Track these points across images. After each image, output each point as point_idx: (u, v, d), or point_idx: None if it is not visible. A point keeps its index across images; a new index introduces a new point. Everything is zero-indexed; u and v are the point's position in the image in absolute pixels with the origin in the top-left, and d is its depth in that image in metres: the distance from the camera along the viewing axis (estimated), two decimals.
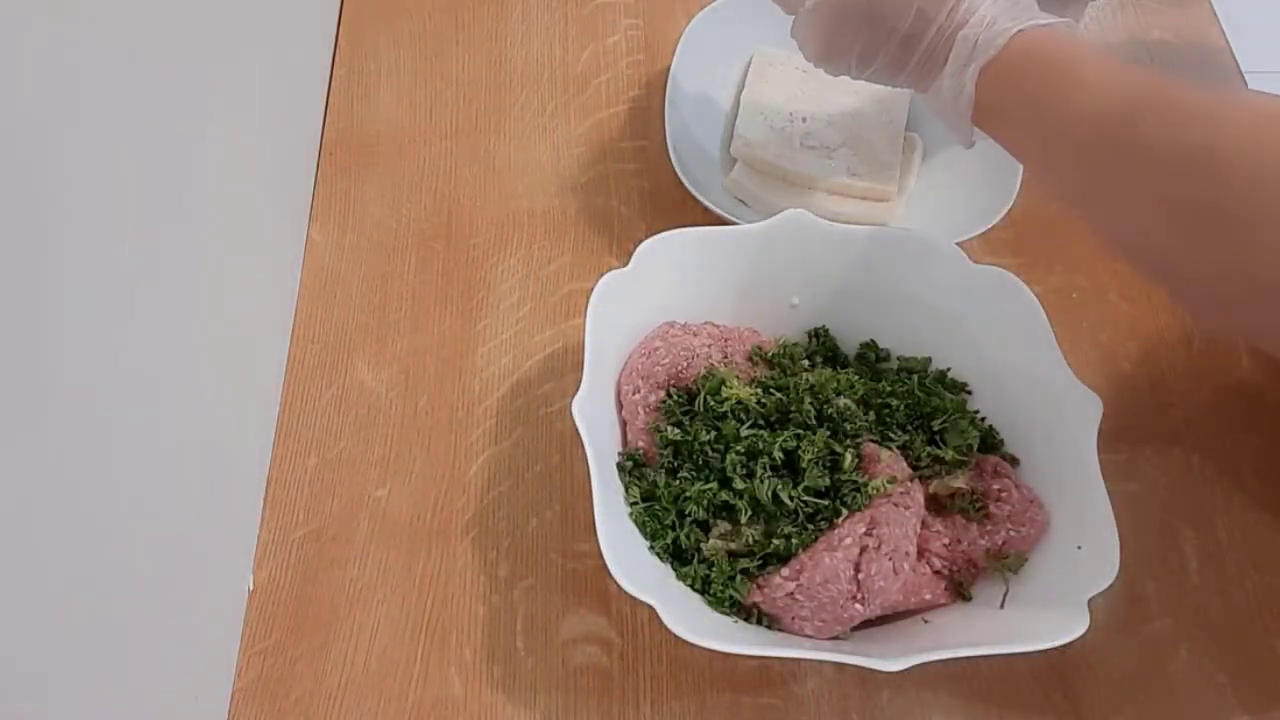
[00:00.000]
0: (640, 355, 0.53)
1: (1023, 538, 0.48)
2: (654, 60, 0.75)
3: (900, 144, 0.67)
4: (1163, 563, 0.56)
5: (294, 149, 0.69)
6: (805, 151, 0.66)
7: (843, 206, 0.65)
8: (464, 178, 0.70)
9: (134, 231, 0.46)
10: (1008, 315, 0.53)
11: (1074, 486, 0.48)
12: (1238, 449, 0.59)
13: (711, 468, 0.50)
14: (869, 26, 0.48)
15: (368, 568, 0.56)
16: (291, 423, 0.60)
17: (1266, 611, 0.54)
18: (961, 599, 0.49)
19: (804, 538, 0.47)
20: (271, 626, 0.54)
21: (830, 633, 0.47)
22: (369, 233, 0.67)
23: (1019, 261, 0.65)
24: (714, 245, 0.55)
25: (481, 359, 0.62)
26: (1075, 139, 0.43)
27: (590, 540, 0.45)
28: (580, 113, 0.73)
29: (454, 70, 0.75)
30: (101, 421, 0.42)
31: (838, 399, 0.51)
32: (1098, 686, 0.52)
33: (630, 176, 0.70)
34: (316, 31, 0.75)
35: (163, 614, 0.47)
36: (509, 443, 0.60)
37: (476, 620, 0.54)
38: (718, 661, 0.53)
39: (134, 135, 0.46)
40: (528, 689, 0.52)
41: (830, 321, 0.57)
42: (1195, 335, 0.63)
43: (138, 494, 0.45)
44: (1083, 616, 0.43)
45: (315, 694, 0.52)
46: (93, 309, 0.42)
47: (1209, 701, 0.52)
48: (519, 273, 0.66)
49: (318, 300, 0.65)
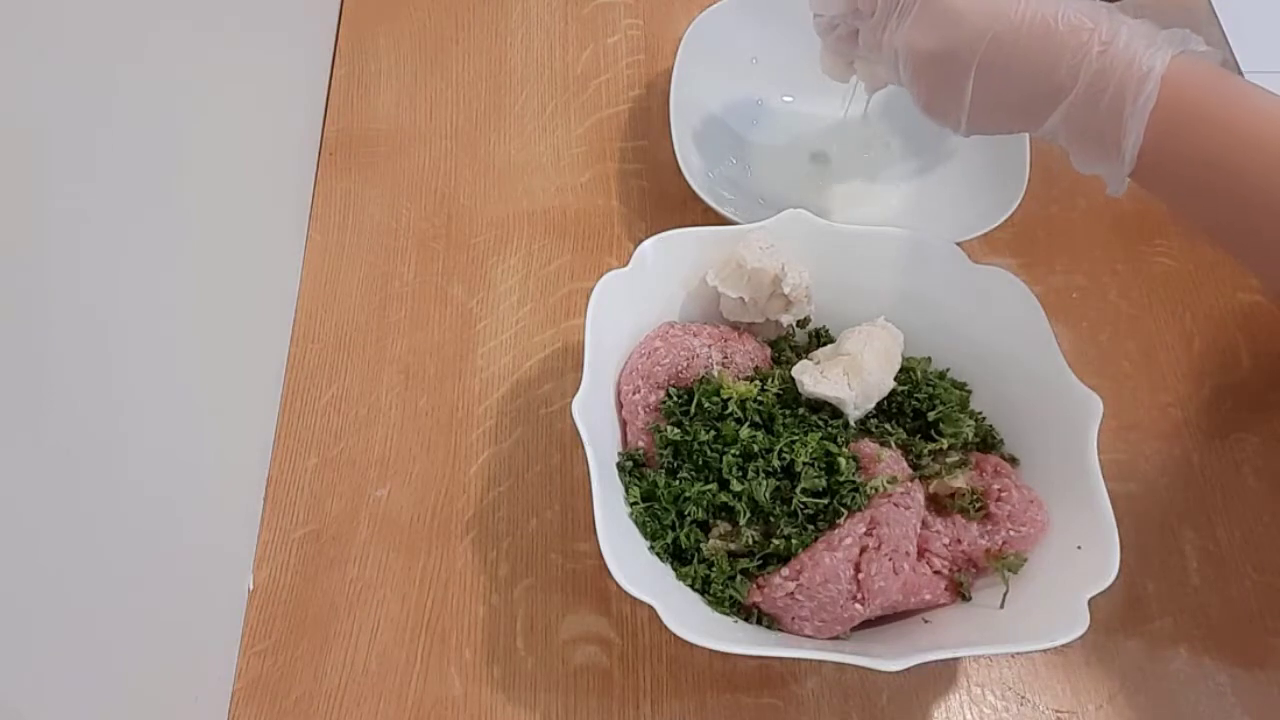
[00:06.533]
0: (640, 355, 0.53)
1: (1023, 538, 0.48)
2: (654, 60, 0.75)
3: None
4: (1163, 563, 0.56)
5: (294, 149, 0.69)
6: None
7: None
8: (464, 178, 0.70)
9: (133, 231, 0.46)
10: (1008, 315, 0.53)
11: (1074, 486, 0.48)
12: (1238, 449, 0.59)
13: (711, 468, 0.50)
14: (994, 77, 0.45)
15: (368, 568, 0.56)
16: (291, 423, 0.60)
17: (1266, 611, 0.54)
18: (961, 599, 0.49)
19: (804, 538, 0.47)
20: (271, 626, 0.54)
21: (830, 633, 0.47)
22: (369, 233, 0.67)
23: (1019, 261, 0.65)
24: (714, 245, 0.55)
25: (481, 359, 0.62)
26: (1264, 208, 0.41)
27: (590, 540, 0.45)
28: (580, 113, 0.73)
29: (454, 70, 0.75)
30: (101, 422, 0.42)
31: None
32: (1098, 687, 0.52)
33: (630, 176, 0.70)
34: (316, 31, 0.75)
35: (163, 614, 0.47)
36: (509, 443, 0.60)
37: (476, 620, 0.54)
38: (718, 661, 0.53)
39: (133, 135, 0.46)
40: (528, 689, 0.52)
41: (830, 321, 0.57)
42: (1195, 335, 0.63)
43: (138, 494, 0.45)
44: (1083, 616, 0.43)
45: (315, 694, 0.52)
46: (92, 309, 0.42)
47: (1209, 701, 0.52)
48: (519, 273, 0.66)
49: (318, 300, 0.65)
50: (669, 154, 0.63)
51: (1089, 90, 0.42)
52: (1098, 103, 0.42)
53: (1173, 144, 0.42)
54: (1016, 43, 0.43)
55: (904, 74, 0.48)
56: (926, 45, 0.46)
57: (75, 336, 0.40)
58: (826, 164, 0.70)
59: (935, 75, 0.47)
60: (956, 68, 0.45)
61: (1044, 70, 0.43)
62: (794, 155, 0.70)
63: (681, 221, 0.56)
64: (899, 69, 0.48)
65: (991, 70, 0.45)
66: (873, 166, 0.69)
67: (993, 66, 0.44)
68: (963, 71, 0.45)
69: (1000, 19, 0.44)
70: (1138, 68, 0.41)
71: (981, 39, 0.44)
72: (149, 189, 0.47)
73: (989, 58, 0.44)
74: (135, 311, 0.46)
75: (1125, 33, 0.42)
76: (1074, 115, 0.44)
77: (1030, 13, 0.43)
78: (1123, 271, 0.65)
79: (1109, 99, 0.42)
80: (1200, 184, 0.43)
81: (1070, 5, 0.43)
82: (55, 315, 0.39)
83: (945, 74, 0.46)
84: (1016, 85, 0.45)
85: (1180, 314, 0.64)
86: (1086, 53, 0.42)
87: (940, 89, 0.47)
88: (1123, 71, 0.42)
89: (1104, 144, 0.43)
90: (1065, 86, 0.43)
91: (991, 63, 0.44)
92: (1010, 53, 0.44)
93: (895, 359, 0.52)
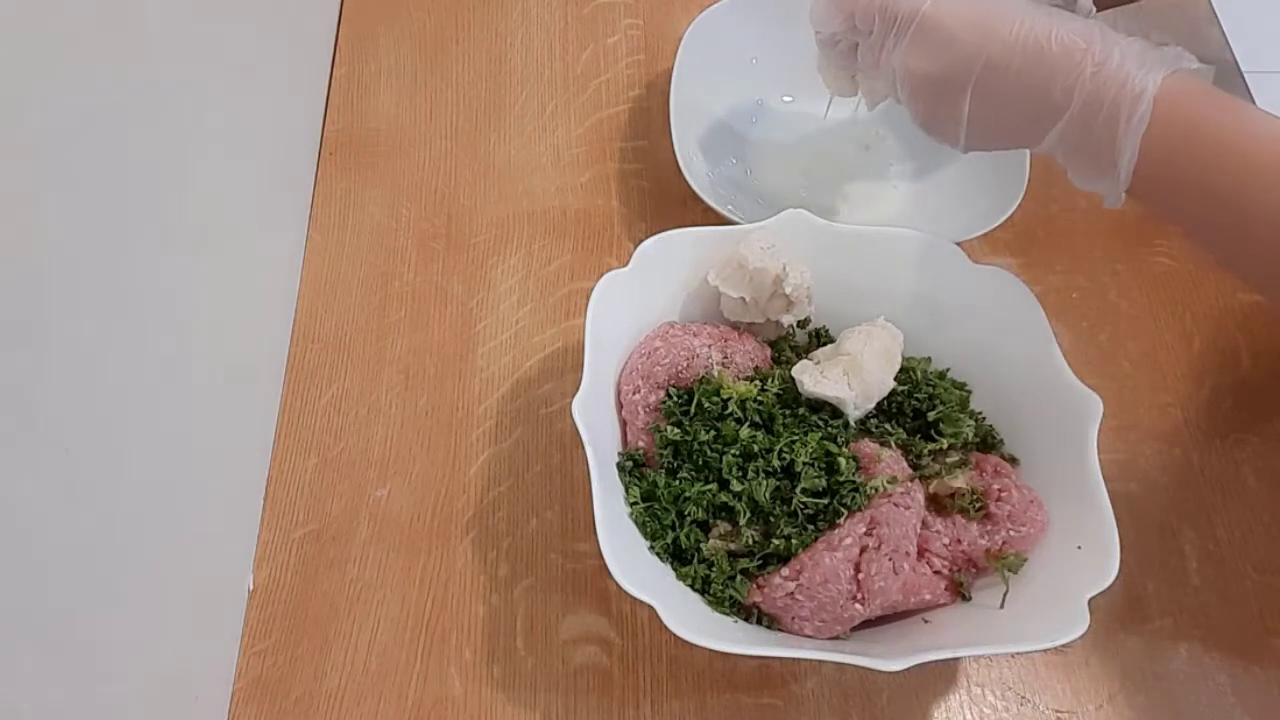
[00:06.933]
0: (640, 355, 0.53)
1: (1023, 538, 0.48)
2: (654, 60, 0.75)
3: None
4: (1163, 563, 0.56)
5: (294, 149, 0.69)
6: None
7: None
8: (464, 178, 0.70)
9: (134, 231, 0.46)
10: (1008, 315, 0.53)
11: (1074, 486, 0.48)
12: (1238, 449, 0.59)
13: (711, 468, 0.50)
14: (988, 96, 0.45)
15: (368, 568, 0.56)
16: (291, 423, 0.60)
17: (1266, 611, 0.54)
18: (961, 599, 0.49)
19: (804, 538, 0.47)
20: (271, 626, 0.54)
21: (830, 633, 0.47)
22: (369, 233, 0.67)
23: (1019, 261, 0.65)
24: (714, 245, 0.55)
25: (481, 359, 0.62)
26: (1258, 222, 0.41)
27: (590, 540, 0.45)
28: (580, 113, 0.73)
29: (454, 70, 0.75)
30: (102, 422, 0.42)
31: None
32: (1098, 687, 0.52)
33: (630, 176, 0.70)
34: (316, 31, 0.75)
35: (163, 614, 0.47)
36: (509, 443, 0.60)
37: (476, 620, 0.54)
38: (718, 661, 0.53)
39: (133, 135, 0.46)
40: (528, 689, 0.52)
41: (830, 321, 0.57)
42: (1195, 335, 0.63)
43: (138, 494, 0.45)
44: (1083, 616, 0.43)
45: (315, 694, 0.52)
46: (92, 309, 0.42)
47: (1209, 701, 0.52)
48: (519, 273, 0.66)
49: (318, 300, 0.65)
50: (669, 154, 0.63)
51: (1084, 111, 0.43)
52: (1092, 123, 0.43)
53: (1167, 162, 0.42)
54: (1010, 65, 0.44)
55: (902, 94, 0.49)
56: (922, 68, 0.46)
57: (75, 336, 0.40)
58: (826, 164, 0.70)
59: (932, 96, 0.47)
60: (952, 89, 0.46)
61: (1039, 91, 0.44)
62: (794, 155, 0.70)
63: (681, 221, 0.56)
64: (897, 88, 0.49)
65: (987, 91, 0.45)
66: (873, 166, 0.69)
67: (988, 88, 0.45)
68: (959, 93, 0.46)
69: (994, 40, 0.44)
70: (1131, 88, 0.42)
71: (976, 61, 0.44)
72: (149, 189, 0.47)
73: (984, 79, 0.45)
74: (135, 311, 0.46)
75: (1118, 53, 0.42)
76: (1070, 135, 0.44)
77: (1024, 34, 0.43)
78: (1123, 271, 0.65)
79: (1103, 119, 0.42)
80: (1194, 201, 0.43)
81: (1063, 25, 0.43)
82: (55, 315, 0.39)
83: (941, 95, 0.46)
84: (1012, 106, 0.45)
85: (1180, 314, 0.64)
86: (1080, 74, 0.42)
87: (937, 109, 0.47)
88: (1116, 92, 0.42)
89: (1100, 162, 0.44)
90: (1060, 107, 0.43)
91: (987, 84, 0.45)
92: (1005, 74, 0.44)
93: (895, 359, 0.52)
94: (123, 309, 0.45)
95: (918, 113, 0.49)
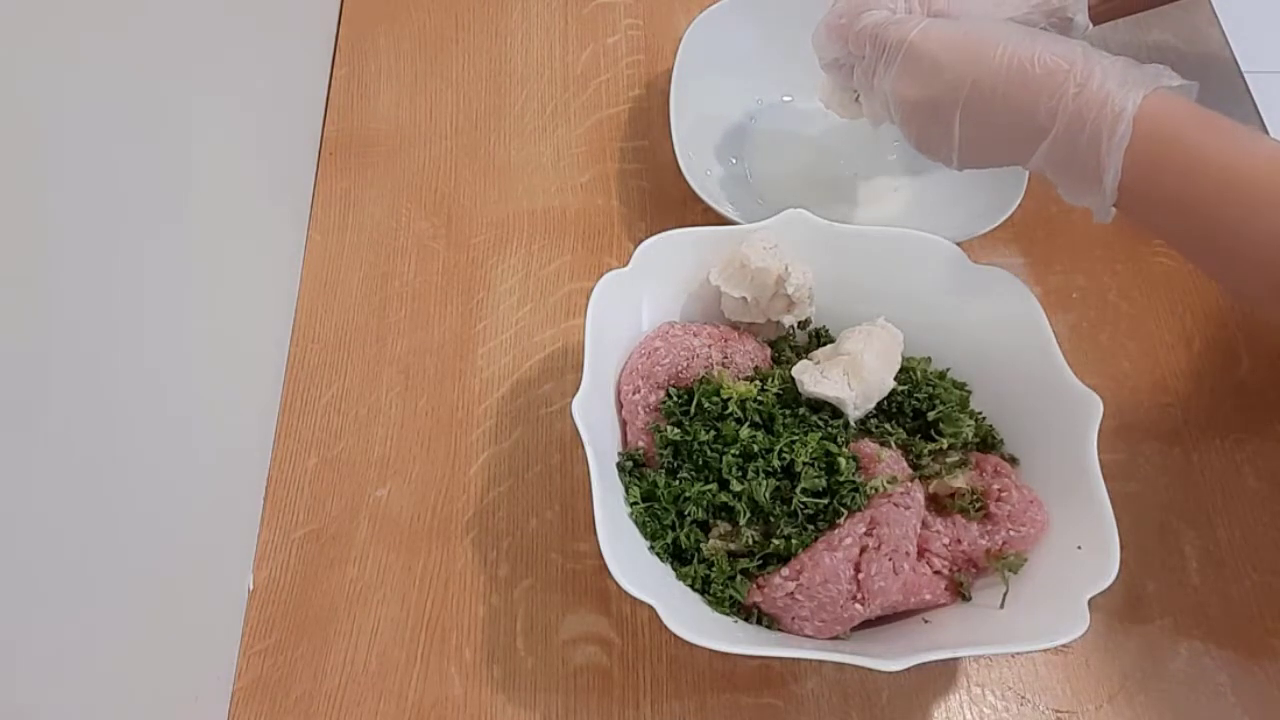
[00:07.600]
0: (640, 355, 0.53)
1: (1023, 538, 0.48)
2: (654, 60, 0.75)
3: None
4: (1163, 563, 0.56)
5: (294, 149, 0.69)
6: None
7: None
8: (464, 178, 0.70)
9: (134, 232, 0.46)
10: (1008, 315, 0.53)
11: (1074, 486, 0.48)
12: (1238, 449, 0.59)
13: (711, 468, 0.50)
14: (976, 118, 0.46)
15: (368, 568, 0.56)
16: (291, 423, 0.60)
17: (1266, 611, 0.54)
18: (961, 599, 0.49)
19: (804, 538, 0.47)
20: (271, 626, 0.54)
21: (830, 633, 0.47)
22: (369, 233, 0.67)
23: (1019, 261, 0.65)
24: (714, 245, 0.55)
25: (481, 359, 0.62)
26: (1239, 236, 0.42)
27: (590, 540, 0.45)
28: (580, 113, 0.73)
29: (454, 70, 0.75)
30: (102, 422, 0.42)
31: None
32: (1098, 687, 0.52)
33: (630, 176, 0.70)
34: (316, 31, 0.75)
35: (163, 614, 0.47)
36: (509, 443, 0.60)
37: (476, 620, 0.54)
38: (718, 661, 0.53)
39: (133, 135, 0.46)
40: (528, 689, 0.52)
41: (830, 321, 0.57)
42: (1195, 335, 0.63)
43: (138, 494, 0.45)
44: (1083, 616, 0.43)
45: (315, 694, 0.52)
46: (92, 309, 0.42)
47: (1209, 701, 0.52)
48: (519, 273, 0.66)
49: (318, 300, 0.65)
50: (669, 154, 0.63)
51: (1068, 130, 0.44)
52: (1077, 142, 0.44)
53: (1149, 179, 0.43)
54: (996, 88, 0.45)
55: (895, 116, 0.51)
56: (912, 93, 0.48)
57: (75, 336, 0.40)
58: (826, 164, 0.70)
59: (923, 119, 0.49)
60: (942, 113, 0.47)
61: (1024, 112, 0.45)
62: (794, 155, 0.70)
63: (681, 221, 0.56)
64: (890, 111, 0.51)
65: (975, 114, 0.46)
66: (873, 166, 0.69)
67: (976, 110, 0.46)
68: (948, 116, 0.47)
69: (980, 65, 0.45)
70: (1112, 107, 0.43)
71: (963, 86, 0.46)
72: (149, 189, 0.48)
73: (972, 103, 0.46)
74: (135, 311, 0.46)
75: (1099, 73, 0.43)
76: (1056, 153, 0.45)
77: (1009, 57, 0.45)
78: (1123, 271, 0.65)
79: (1087, 138, 0.43)
80: (1176, 217, 0.44)
81: (1047, 47, 0.44)
82: (55, 315, 0.39)
83: (932, 118, 0.48)
84: (1000, 127, 0.46)
85: (1180, 314, 0.64)
86: (1063, 95, 0.43)
87: (929, 131, 0.49)
88: (1098, 111, 0.43)
89: (1086, 180, 0.45)
90: (1045, 127, 0.44)
91: (974, 107, 0.46)
92: (991, 97, 0.45)
93: (895, 359, 0.52)
94: (123, 309, 0.45)
95: (911, 134, 0.51)
